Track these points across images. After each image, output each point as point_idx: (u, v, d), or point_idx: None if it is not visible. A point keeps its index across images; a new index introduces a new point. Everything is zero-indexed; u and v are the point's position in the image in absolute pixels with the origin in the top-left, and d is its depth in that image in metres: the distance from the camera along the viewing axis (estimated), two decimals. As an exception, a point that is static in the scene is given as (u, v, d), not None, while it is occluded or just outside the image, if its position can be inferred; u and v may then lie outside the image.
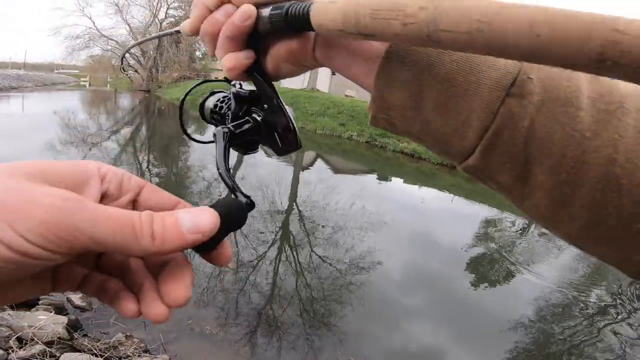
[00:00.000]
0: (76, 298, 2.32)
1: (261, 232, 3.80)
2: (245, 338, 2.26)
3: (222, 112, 0.36)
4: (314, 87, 16.36)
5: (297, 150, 0.33)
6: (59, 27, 23.37)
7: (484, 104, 0.22)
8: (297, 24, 0.24)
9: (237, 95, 0.33)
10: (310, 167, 7.47)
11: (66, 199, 0.16)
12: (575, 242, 0.24)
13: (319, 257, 3.52)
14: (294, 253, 3.56)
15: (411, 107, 0.24)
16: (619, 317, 3.23)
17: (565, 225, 0.23)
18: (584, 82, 0.21)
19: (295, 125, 0.31)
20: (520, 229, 5.39)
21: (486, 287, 3.63)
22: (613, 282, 3.82)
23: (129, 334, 2.01)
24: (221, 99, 0.37)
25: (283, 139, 0.32)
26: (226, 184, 0.25)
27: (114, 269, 0.22)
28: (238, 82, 0.33)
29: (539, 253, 4.57)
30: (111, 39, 23.30)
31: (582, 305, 3.37)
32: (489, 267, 4.07)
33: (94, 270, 0.22)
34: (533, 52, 0.15)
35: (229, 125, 0.30)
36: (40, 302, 2.13)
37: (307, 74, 14.90)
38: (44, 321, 1.84)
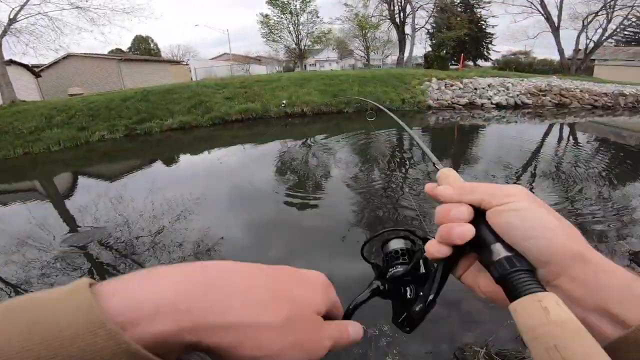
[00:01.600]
0: None
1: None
2: None
3: (392, 261, 0.37)
4: (14, 99, 11.96)
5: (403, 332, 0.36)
6: None
7: None
8: (512, 294, 0.25)
9: (422, 261, 0.35)
10: (72, 193, 5.95)
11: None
12: None
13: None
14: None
15: None
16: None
17: None
18: None
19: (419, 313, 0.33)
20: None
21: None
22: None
23: None
24: (403, 250, 0.38)
25: (406, 321, 0.34)
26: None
27: None
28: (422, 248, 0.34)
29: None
30: None
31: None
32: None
33: None
34: None
35: (381, 285, 0.36)
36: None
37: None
38: None
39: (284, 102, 11.23)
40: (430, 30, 32.68)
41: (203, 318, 0.21)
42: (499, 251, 0.27)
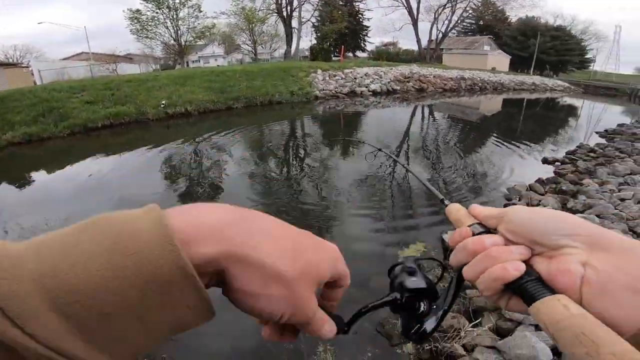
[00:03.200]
0: None
1: None
2: None
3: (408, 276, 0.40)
4: None
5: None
6: None
7: None
8: (531, 298, 0.29)
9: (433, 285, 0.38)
10: None
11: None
12: None
13: None
14: None
15: None
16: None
17: None
18: None
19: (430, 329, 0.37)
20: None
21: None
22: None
23: None
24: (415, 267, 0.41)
25: (416, 334, 0.37)
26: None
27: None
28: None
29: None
30: None
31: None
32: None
33: None
34: None
35: (400, 297, 0.38)
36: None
37: None
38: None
39: (164, 102, 10.14)
40: (315, 24, 34.16)
41: (240, 247, 0.24)
42: None
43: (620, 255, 0.27)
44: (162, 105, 10.02)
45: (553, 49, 38.51)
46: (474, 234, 0.35)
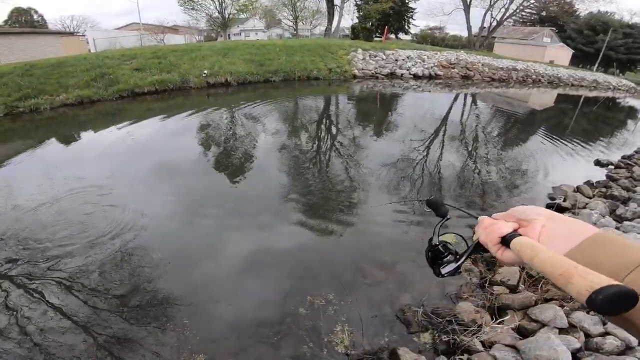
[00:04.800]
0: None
1: None
2: None
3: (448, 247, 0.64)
4: None
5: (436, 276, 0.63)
6: None
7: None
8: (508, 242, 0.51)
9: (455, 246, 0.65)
10: None
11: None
12: None
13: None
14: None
15: None
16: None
17: None
18: None
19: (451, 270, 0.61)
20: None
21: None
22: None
23: None
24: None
25: (444, 272, 0.61)
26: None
27: None
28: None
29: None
30: None
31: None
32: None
33: None
34: None
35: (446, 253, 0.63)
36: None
37: None
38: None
39: (206, 71, 10.38)
40: (358, 2, 32.87)
41: None
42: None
43: (561, 223, 0.50)
44: (204, 75, 10.27)
45: (624, 47, 34.73)
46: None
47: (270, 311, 2.25)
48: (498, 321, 2.14)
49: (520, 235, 0.49)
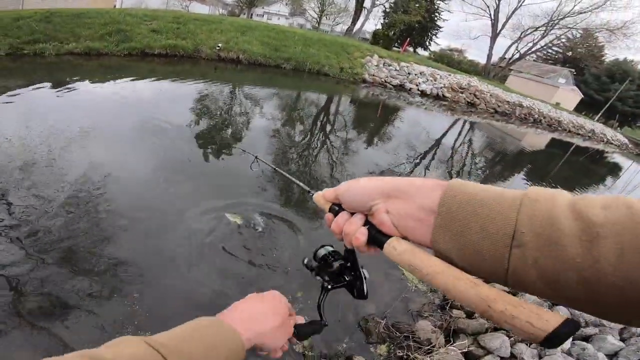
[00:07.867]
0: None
1: None
2: None
3: (328, 260, 0.60)
4: None
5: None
6: None
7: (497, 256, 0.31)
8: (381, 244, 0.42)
9: (348, 253, 0.57)
10: None
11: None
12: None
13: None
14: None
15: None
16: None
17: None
18: (565, 224, 0.29)
19: (366, 287, 0.56)
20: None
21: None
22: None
23: None
24: (331, 253, 0.61)
25: (357, 295, 0.57)
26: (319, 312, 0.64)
27: None
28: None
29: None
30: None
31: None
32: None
33: None
34: None
35: (328, 285, 0.60)
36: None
37: None
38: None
39: (220, 45, 10.47)
40: (386, 9, 32.85)
41: (255, 334, 0.53)
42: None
43: (404, 199, 0.39)
44: (217, 48, 10.36)
45: (634, 99, 34.85)
46: (334, 215, 0.48)
47: (229, 299, 2.30)
48: (451, 344, 2.22)
49: (383, 235, 0.41)
